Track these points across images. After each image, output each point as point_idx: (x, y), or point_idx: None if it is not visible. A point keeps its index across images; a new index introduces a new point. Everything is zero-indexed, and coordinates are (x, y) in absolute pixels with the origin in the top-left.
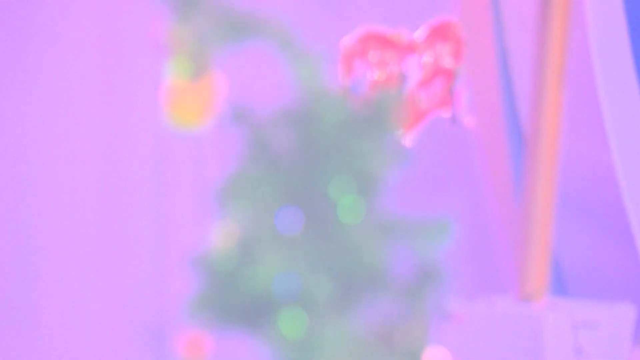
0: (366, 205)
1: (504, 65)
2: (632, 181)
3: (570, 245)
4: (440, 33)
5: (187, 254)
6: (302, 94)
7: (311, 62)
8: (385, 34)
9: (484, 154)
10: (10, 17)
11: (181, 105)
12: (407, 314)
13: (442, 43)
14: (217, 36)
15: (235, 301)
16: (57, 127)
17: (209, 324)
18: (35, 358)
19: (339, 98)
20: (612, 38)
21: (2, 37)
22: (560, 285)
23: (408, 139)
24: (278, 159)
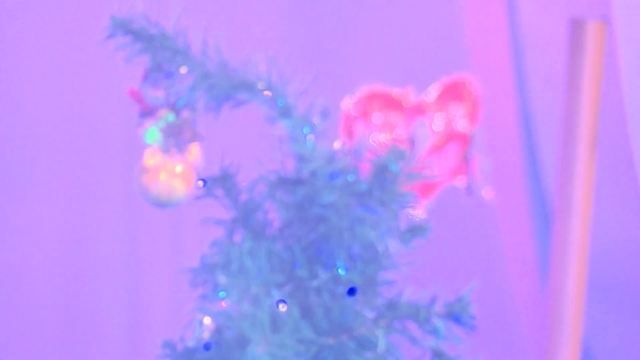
0: (369, 280)
1: (527, 129)
2: None
3: (601, 330)
4: (454, 92)
5: (164, 336)
6: (299, 159)
7: (308, 124)
8: (391, 94)
9: (504, 228)
10: None
11: (161, 173)
12: None
13: (456, 104)
14: (208, 97)
15: None
16: (24, 204)
17: None
18: None
19: (339, 163)
20: None
21: None
22: None
23: (417, 211)
24: (269, 230)
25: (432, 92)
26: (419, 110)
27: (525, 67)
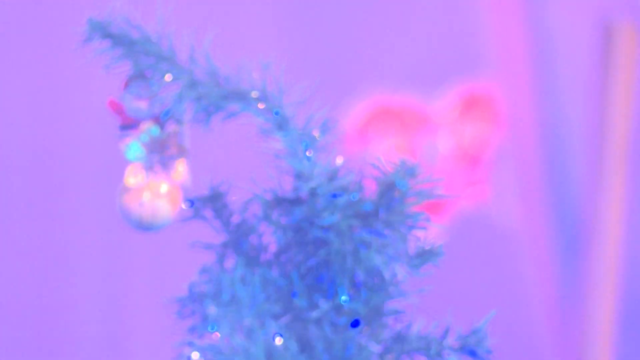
0: (374, 311)
1: (550, 141)
2: None
3: None
4: (468, 104)
5: None
6: (297, 177)
7: (308, 137)
8: (399, 106)
9: (524, 253)
10: None
11: (144, 193)
12: None
13: (470, 117)
14: (196, 108)
15: None
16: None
17: None
18: None
19: (341, 181)
20: None
21: None
22: None
23: (427, 234)
24: (263, 255)
25: (447, 105)
26: (431, 124)
27: (551, 74)
